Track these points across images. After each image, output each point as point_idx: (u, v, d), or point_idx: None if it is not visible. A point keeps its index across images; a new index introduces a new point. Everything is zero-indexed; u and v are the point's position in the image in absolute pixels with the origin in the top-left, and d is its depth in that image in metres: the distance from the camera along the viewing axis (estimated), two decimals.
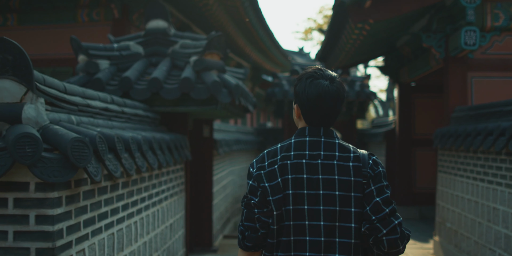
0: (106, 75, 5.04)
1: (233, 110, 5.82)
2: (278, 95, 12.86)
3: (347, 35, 7.37)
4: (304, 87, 2.00)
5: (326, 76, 2.01)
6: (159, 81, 4.87)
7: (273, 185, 1.93)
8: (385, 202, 1.92)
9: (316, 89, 1.97)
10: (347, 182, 1.90)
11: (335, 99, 1.99)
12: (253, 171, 2.02)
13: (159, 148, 4.12)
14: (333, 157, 1.94)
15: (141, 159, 3.54)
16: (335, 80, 2.01)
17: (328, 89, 1.97)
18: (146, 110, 4.73)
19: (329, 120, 2.02)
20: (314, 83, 1.98)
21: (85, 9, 9.91)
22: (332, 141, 1.99)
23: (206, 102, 5.00)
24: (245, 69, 7.26)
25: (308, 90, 1.98)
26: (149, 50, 5.50)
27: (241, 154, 11.11)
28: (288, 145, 2.01)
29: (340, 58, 9.59)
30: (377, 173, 1.96)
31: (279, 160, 1.96)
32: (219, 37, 5.05)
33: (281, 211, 1.92)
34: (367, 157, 1.98)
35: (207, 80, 4.88)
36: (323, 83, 1.98)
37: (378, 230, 1.87)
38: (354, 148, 2.01)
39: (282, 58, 18.72)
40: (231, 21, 12.75)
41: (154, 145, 3.87)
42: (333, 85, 1.99)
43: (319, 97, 1.97)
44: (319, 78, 2.00)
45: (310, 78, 2.01)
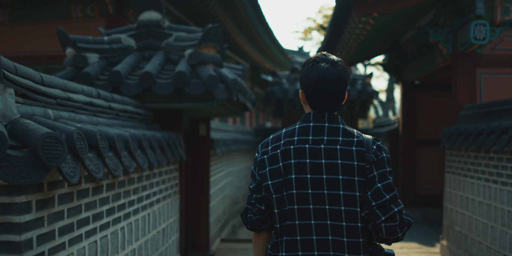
0: (95, 69, 4.73)
1: (231, 107, 5.50)
2: (278, 94, 12.56)
3: (350, 30, 7.06)
4: (306, 71, 2.03)
5: (327, 59, 2.02)
6: (151, 75, 4.55)
7: (274, 169, 1.95)
8: (386, 188, 1.91)
9: (316, 72, 1.99)
10: (350, 166, 1.90)
11: (335, 81, 1.98)
12: (258, 156, 2.06)
13: (150, 147, 3.80)
14: (336, 142, 1.95)
15: (129, 159, 3.21)
16: (336, 64, 2.01)
17: (328, 71, 1.97)
18: (137, 106, 4.41)
19: (332, 104, 2.02)
20: (315, 67, 2.00)
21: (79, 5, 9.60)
22: (336, 126, 2.00)
23: (201, 98, 4.68)
24: (243, 65, 6.96)
25: (309, 73, 2.01)
26: (141, 43, 5.18)
27: (239, 154, 10.80)
28: (292, 130, 2.02)
29: (342, 55, 9.26)
30: (381, 158, 1.95)
31: (282, 145, 1.98)
32: (216, 29, 4.74)
33: (282, 195, 1.94)
34: (371, 142, 1.97)
35: (203, 74, 4.57)
36: (323, 66, 1.99)
37: (377, 216, 1.87)
38: (358, 133, 2.00)
39: (282, 57, 18.41)
40: (230, 18, 12.44)
41: (144, 144, 3.55)
42: (334, 68, 1.99)
43: (319, 79, 1.98)
44: (320, 61, 2.01)
45: (312, 62, 2.03)
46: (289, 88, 12.79)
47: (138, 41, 5.20)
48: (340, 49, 8.87)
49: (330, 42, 9.00)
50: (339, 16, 6.96)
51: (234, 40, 13.84)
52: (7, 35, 9.59)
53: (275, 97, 12.68)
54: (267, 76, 20.45)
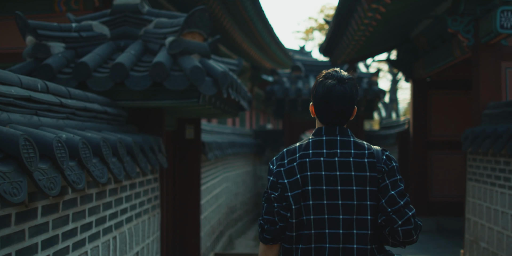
0: (59, 61, 3.96)
1: (222, 106, 4.74)
2: (278, 93, 11.80)
3: (358, 20, 6.29)
4: (315, 87, 2.16)
5: (335, 76, 2.12)
6: (124, 67, 3.79)
7: (292, 181, 2.05)
8: (399, 195, 2.04)
9: (323, 88, 2.10)
10: (363, 177, 2.03)
11: (341, 98, 2.08)
12: (273, 168, 2.14)
13: (114, 154, 3.03)
14: (349, 155, 2.07)
15: (77, 171, 2.44)
16: (344, 80, 2.10)
17: (334, 88, 2.08)
18: (104, 104, 3.65)
19: (340, 119, 2.13)
20: (323, 83, 2.12)
21: None
22: (348, 139, 2.11)
23: (184, 95, 3.92)
24: (238, 59, 6.19)
25: (317, 89, 2.13)
26: (116, 31, 4.42)
27: (237, 158, 10.02)
28: (306, 144, 2.12)
29: (347, 50, 8.50)
30: (391, 167, 2.08)
31: (298, 158, 2.08)
32: (202, 12, 3.97)
33: (300, 206, 2.04)
34: (380, 153, 2.10)
35: (186, 66, 3.80)
36: (330, 83, 2.10)
37: (394, 221, 2.00)
38: (368, 145, 2.11)
39: (283, 56, 17.64)
40: (227, 13, 11.67)
41: (103, 151, 2.78)
42: (341, 85, 2.09)
43: (325, 96, 2.09)
44: (328, 78, 2.12)
45: (321, 78, 2.15)
46: (290, 87, 12.02)
47: (112, 28, 4.44)
48: (345, 44, 8.09)
49: (335, 36, 8.23)
50: (346, 4, 6.20)
51: (232, 37, 13.08)
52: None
53: (275, 97, 11.91)
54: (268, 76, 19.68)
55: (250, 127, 19.98)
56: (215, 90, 3.89)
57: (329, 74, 2.13)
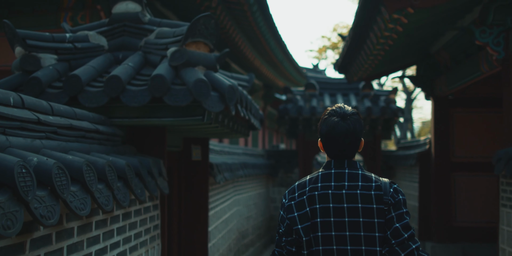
0: (49, 74, 3.57)
1: (231, 125, 4.30)
2: (292, 112, 11.35)
3: (378, 32, 5.86)
4: (320, 124, 2.26)
5: (338, 113, 2.21)
6: (119, 80, 3.38)
7: (302, 214, 2.14)
8: (404, 227, 2.10)
9: (326, 126, 2.21)
10: (370, 209, 2.10)
11: (344, 135, 2.17)
12: (285, 202, 2.23)
13: (102, 179, 2.59)
14: (356, 187, 2.14)
15: (49, 203, 2.00)
16: (347, 117, 2.19)
17: (337, 125, 2.17)
18: (97, 121, 3.22)
19: (346, 154, 2.21)
20: (327, 120, 2.22)
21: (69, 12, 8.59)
22: (356, 172, 2.19)
23: (188, 111, 3.49)
24: (250, 74, 5.77)
25: (322, 126, 2.24)
26: (115, 42, 4.03)
27: (248, 180, 9.54)
28: (316, 177, 2.21)
29: (364, 66, 8.06)
30: (397, 200, 2.14)
31: (307, 191, 2.17)
32: (207, 19, 3.55)
33: (310, 238, 2.12)
34: (388, 185, 2.17)
35: (189, 79, 3.38)
36: (333, 120, 2.20)
37: (396, 253, 2.08)
38: (376, 177, 2.19)
39: (296, 74, 17.27)
40: (239, 30, 11.34)
41: (88, 176, 2.34)
42: (344, 122, 2.18)
43: (328, 133, 2.19)
44: (332, 115, 2.22)
45: (326, 116, 2.25)
46: (304, 105, 11.58)
47: (110, 39, 4.05)
48: (362, 59, 7.65)
49: (351, 50, 7.80)
50: (364, 15, 5.78)
51: (244, 54, 12.73)
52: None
53: (288, 116, 11.46)
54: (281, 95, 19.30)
55: (263, 147, 19.52)
56: (221, 106, 3.46)
57: (333, 111, 2.23)
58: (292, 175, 12.06)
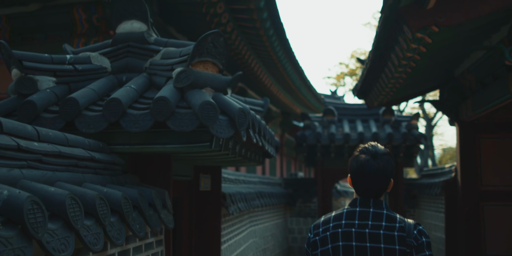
0: (46, 98, 3.30)
1: (244, 152, 3.97)
2: (310, 139, 10.99)
3: (399, 53, 5.53)
4: (351, 160, 2.29)
5: (370, 151, 2.25)
6: (119, 104, 3.09)
7: (324, 250, 2.18)
8: None
9: (357, 163, 2.24)
10: (392, 250, 2.09)
11: (373, 174, 2.19)
12: (311, 236, 2.27)
13: (92, 214, 2.26)
14: (380, 227, 2.14)
15: (21, 245, 1.67)
16: (377, 156, 2.22)
17: (367, 164, 2.20)
18: (93, 148, 2.92)
19: (374, 192, 2.22)
20: (357, 158, 2.26)
21: (82, 38, 8.49)
22: (380, 211, 2.19)
23: (194, 137, 3.17)
24: (265, 99, 5.47)
25: (352, 163, 2.27)
26: (118, 63, 3.77)
27: (265, 210, 9.13)
28: (340, 214, 2.22)
29: (385, 90, 7.71)
30: (420, 243, 2.12)
31: (331, 227, 2.19)
32: (216, 36, 3.27)
33: None
34: (412, 227, 2.15)
35: (195, 101, 3.08)
36: (364, 158, 2.22)
37: None
38: (401, 218, 2.18)
39: (314, 100, 16.98)
40: (255, 55, 11.14)
41: (71, 211, 2.02)
42: (375, 160, 2.20)
43: (358, 171, 2.23)
44: (364, 152, 2.25)
45: (357, 153, 2.29)
46: (323, 132, 11.22)
47: (114, 60, 3.80)
48: (383, 83, 7.31)
49: (371, 74, 7.46)
50: (385, 35, 5.47)
51: (260, 80, 12.51)
52: (2, 73, 8.51)
53: (306, 143, 11.10)
54: (299, 122, 18.98)
55: (281, 175, 19.12)
56: (231, 131, 3.14)
57: (364, 148, 2.27)
58: (311, 205, 11.62)
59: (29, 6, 8.44)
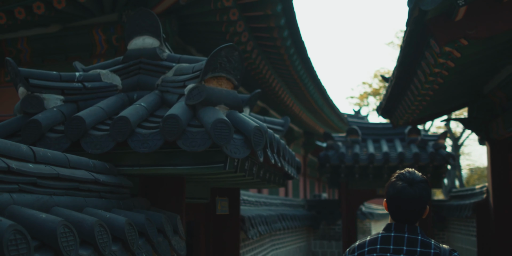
0: (52, 117, 3.14)
1: (262, 174, 3.73)
2: (333, 159, 10.69)
3: (426, 68, 5.27)
4: (387, 186, 2.32)
5: (407, 178, 2.26)
6: (127, 122, 2.90)
7: None
8: None
9: (393, 189, 2.27)
10: None
11: (409, 201, 2.21)
12: None
13: (90, 243, 2.05)
14: (415, 253, 2.13)
15: None
16: (414, 183, 2.23)
17: (404, 191, 2.22)
18: (98, 170, 2.72)
19: (409, 219, 2.23)
20: (394, 184, 2.28)
21: (101, 59, 8.47)
22: (415, 237, 2.19)
23: (207, 158, 2.96)
24: (285, 118, 5.25)
25: (388, 189, 2.30)
26: (129, 81, 3.60)
27: (287, 233, 8.82)
28: (375, 239, 2.24)
29: (411, 108, 7.41)
30: None
31: (366, 252, 2.21)
32: (230, 50, 3.07)
33: None
34: (448, 253, 2.16)
35: (207, 119, 2.87)
36: (400, 185, 2.25)
37: None
38: (436, 244, 2.18)
39: (337, 120, 16.71)
40: (276, 74, 10.97)
41: (62, 241, 1.80)
42: (411, 187, 2.22)
43: (394, 197, 2.25)
44: (400, 179, 2.27)
45: (394, 179, 2.31)
46: (346, 152, 10.91)
47: (125, 78, 3.63)
48: (408, 101, 7.03)
49: (396, 91, 7.19)
50: (411, 50, 5.22)
51: (281, 100, 12.31)
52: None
53: (329, 163, 10.79)
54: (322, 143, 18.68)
55: (304, 196, 18.75)
56: (246, 151, 2.91)
57: (401, 175, 2.28)
58: (335, 227, 11.25)
59: (50, 27, 8.45)
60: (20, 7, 7.44)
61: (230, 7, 7.53)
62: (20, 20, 7.61)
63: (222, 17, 7.78)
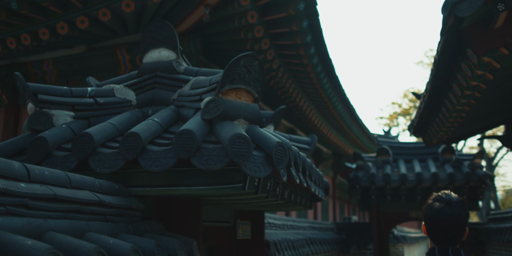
0: (60, 134, 2.93)
1: (286, 195, 3.44)
2: (363, 181, 10.29)
3: (462, 82, 4.94)
4: (425, 209, 2.33)
5: (443, 199, 2.29)
6: (138, 139, 2.66)
7: None
8: None
9: (431, 211, 2.28)
10: None
11: (447, 221, 2.22)
12: None
13: None
14: None
15: None
16: (452, 203, 2.26)
17: (442, 211, 2.24)
18: (104, 191, 2.48)
19: (451, 240, 2.24)
20: (431, 206, 2.30)
21: None
22: None
23: (224, 177, 2.69)
24: (312, 136, 4.97)
25: (426, 211, 2.31)
26: (144, 96, 3.39)
27: None
28: None
29: (445, 126, 7.04)
30: None
31: None
32: (249, 60, 2.83)
33: None
34: None
35: (224, 135, 2.61)
36: (438, 206, 2.26)
37: None
38: None
39: (367, 140, 16.29)
40: (303, 93, 10.72)
41: None
42: (449, 207, 2.24)
43: (434, 219, 2.25)
44: (437, 200, 2.29)
45: (431, 201, 2.33)
46: (377, 173, 10.50)
47: (140, 93, 3.42)
48: (443, 118, 6.66)
49: (429, 108, 6.84)
50: (445, 62, 4.90)
51: (309, 120, 12.03)
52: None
53: (359, 185, 10.39)
54: (352, 164, 18.24)
55: (333, 219, 18.25)
56: (267, 170, 2.63)
57: (438, 196, 2.31)
58: (366, 252, 10.77)
59: (75, 48, 8.43)
60: (44, 28, 7.41)
61: (255, 24, 7.36)
62: (45, 41, 7.57)
63: (246, 35, 7.61)
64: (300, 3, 7.21)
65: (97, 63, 8.44)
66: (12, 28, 7.59)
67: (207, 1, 6.75)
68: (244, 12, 7.14)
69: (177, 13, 7.09)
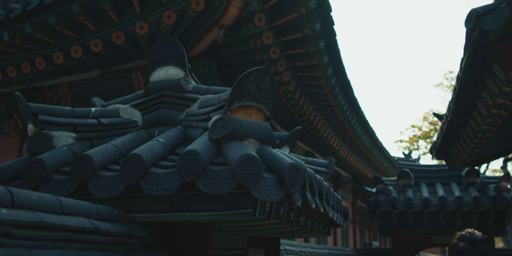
0: (58, 156, 2.75)
1: (302, 221, 3.20)
2: (384, 205, 9.95)
3: (488, 100, 4.69)
4: (449, 249, 2.36)
5: (467, 238, 2.31)
6: (140, 161, 2.47)
7: None
8: None
9: (456, 251, 2.30)
10: None
11: None
12: None
13: None
14: None
15: None
16: (476, 243, 2.27)
17: (466, 251, 2.25)
18: (103, 217, 2.28)
19: None
20: (455, 246, 2.33)
21: None
22: None
23: (232, 202, 2.47)
24: (329, 158, 4.72)
25: (451, 252, 2.33)
26: (150, 116, 3.22)
27: None
28: None
29: (469, 147, 6.75)
30: None
31: None
32: (260, 75, 2.64)
33: None
34: None
35: (232, 155, 2.40)
36: (462, 246, 2.28)
37: None
38: None
39: (387, 163, 15.93)
40: (320, 116, 10.51)
41: None
42: (474, 247, 2.25)
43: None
44: (461, 240, 2.32)
45: (455, 240, 2.36)
46: (398, 197, 10.15)
47: (146, 113, 3.25)
48: (467, 139, 6.38)
49: (452, 129, 6.57)
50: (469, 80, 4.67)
51: (328, 143, 11.78)
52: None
53: (380, 209, 10.04)
54: (372, 188, 17.85)
55: (354, 245, 17.75)
56: (280, 194, 2.41)
57: (462, 236, 2.36)
58: None
59: (90, 72, 8.38)
60: (59, 51, 7.37)
61: (271, 45, 7.23)
62: (59, 65, 7.53)
63: (262, 56, 7.47)
64: (316, 23, 7.08)
65: (112, 87, 8.36)
66: (27, 52, 7.57)
67: (221, 22, 6.64)
68: (259, 33, 7.02)
69: (192, 35, 6.99)
